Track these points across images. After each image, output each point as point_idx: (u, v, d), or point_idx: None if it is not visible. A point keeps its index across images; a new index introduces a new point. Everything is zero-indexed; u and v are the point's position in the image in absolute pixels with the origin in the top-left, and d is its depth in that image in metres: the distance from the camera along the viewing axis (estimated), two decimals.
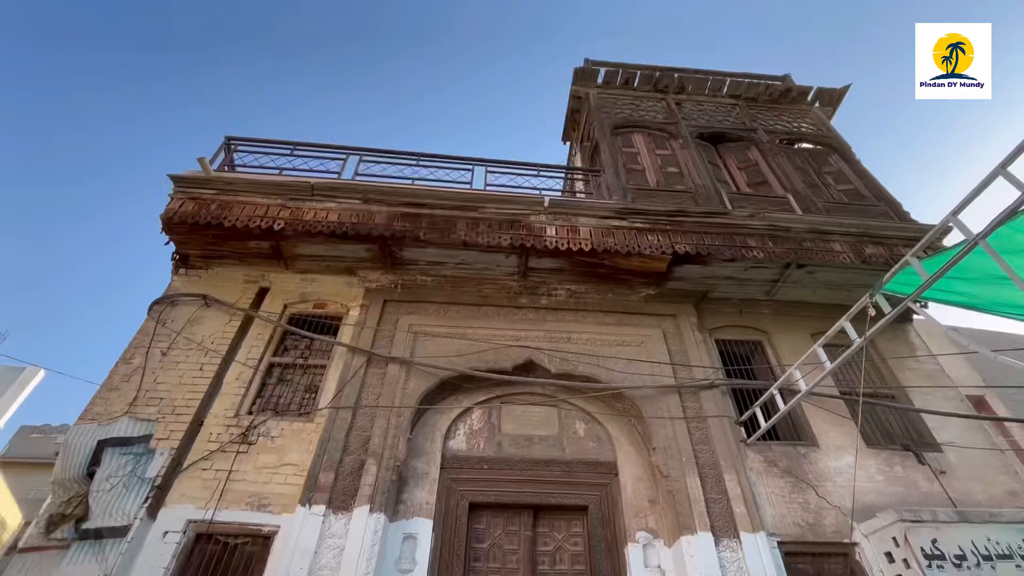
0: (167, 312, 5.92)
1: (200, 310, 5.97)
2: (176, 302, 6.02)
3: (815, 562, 4.75)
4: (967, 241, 3.14)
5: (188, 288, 6.21)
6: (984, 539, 4.33)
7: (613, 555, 4.82)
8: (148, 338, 5.66)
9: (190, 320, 5.87)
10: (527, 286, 6.41)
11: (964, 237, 3.23)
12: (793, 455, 5.39)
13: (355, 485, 4.63)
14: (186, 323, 5.83)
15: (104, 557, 4.18)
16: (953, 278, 3.43)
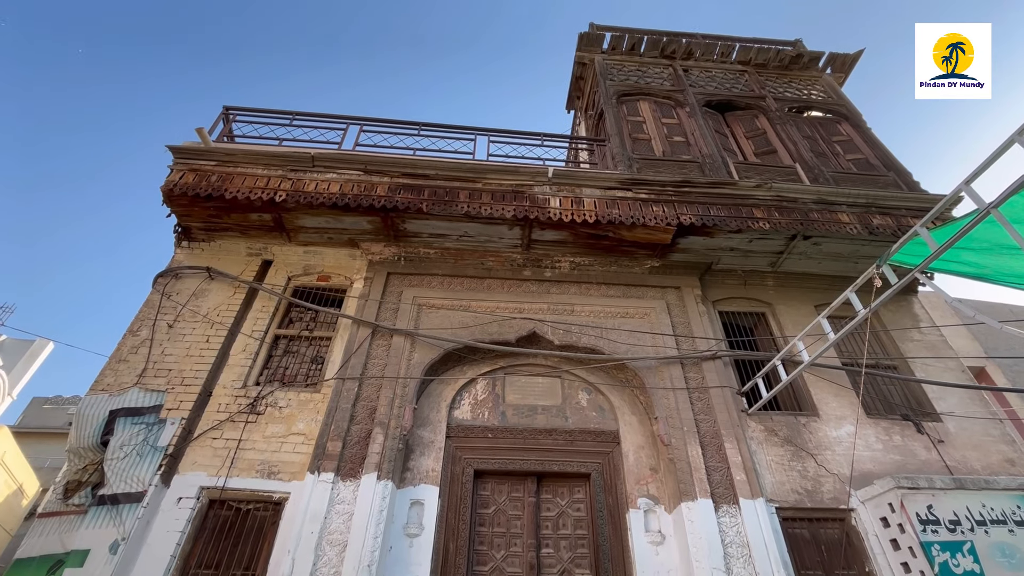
0: (172, 285, 5.94)
1: (204, 283, 5.99)
2: (180, 275, 6.03)
3: (812, 527, 4.87)
4: (979, 210, 3.09)
5: (191, 261, 6.22)
6: (979, 505, 4.42)
7: (615, 520, 4.94)
8: (154, 311, 5.70)
9: (195, 293, 5.89)
10: (531, 258, 6.39)
11: (975, 207, 3.18)
12: (793, 424, 5.46)
13: (362, 453, 4.73)
14: (191, 296, 5.86)
15: (121, 521, 4.31)
16: (961, 248, 3.39)
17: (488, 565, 4.74)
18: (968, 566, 4.08)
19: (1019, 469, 5.24)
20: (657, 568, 4.60)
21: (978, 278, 3.71)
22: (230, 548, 4.42)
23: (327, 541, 4.23)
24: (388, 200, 5.65)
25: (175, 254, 6.31)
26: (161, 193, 5.70)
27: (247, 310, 5.90)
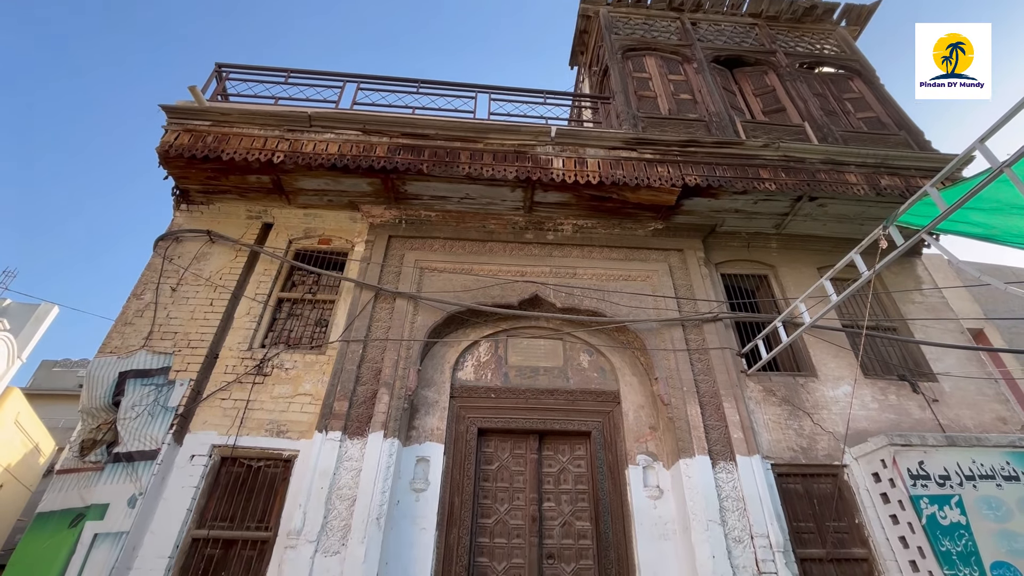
0: (173, 248, 5.92)
1: (205, 246, 5.96)
2: (181, 238, 6.00)
3: (805, 482, 5.03)
4: (991, 169, 3.03)
5: (191, 224, 6.17)
6: (969, 461, 4.55)
7: (614, 476, 5.10)
8: (156, 274, 5.70)
9: (196, 256, 5.88)
10: (533, 221, 6.33)
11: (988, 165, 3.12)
12: (792, 385, 5.55)
13: (369, 413, 4.84)
14: (192, 259, 5.85)
15: (137, 477, 4.46)
16: (970, 208, 3.35)
17: (492, 518, 4.93)
18: (955, 518, 4.24)
19: (1011, 427, 5.36)
20: (655, 520, 4.78)
21: (985, 239, 3.67)
22: (243, 502, 4.59)
23: (336, 495, 4.38)
24: (388, 161, 5.55)
25: (174, 217, 6.26)
26: (157, 155, 5.59)
27: (249, 273, 5.90)
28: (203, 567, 4.29)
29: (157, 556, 4.18)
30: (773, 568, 4.27)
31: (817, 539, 4.74)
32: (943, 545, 4.12)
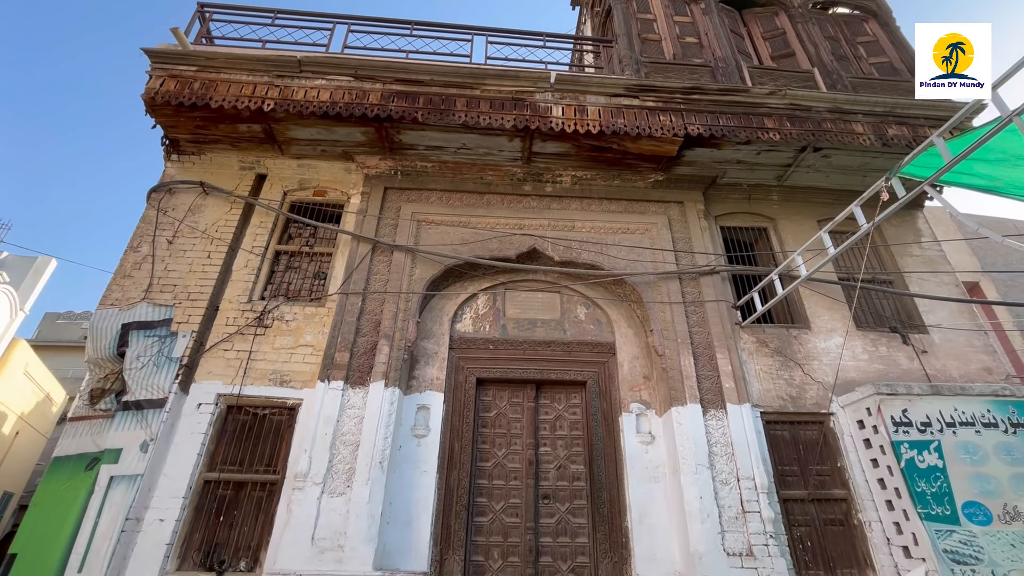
0: (166, 200, 5.85)
1: (199, 198, 5.88)
2: (174, 190, 5.91)
3: (792, 429, 5.22)
4: (1001, 118, 2.95)
5: (183, 175, 6.06)
6: (951, 409, 4.70)
7: (608, 422, 5.29)
8: (151, 227, 5.66)
9: (190, 208, 5.82)
10: (531, 172, 6.22)
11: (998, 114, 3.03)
12: (785, 336, 5.65)
13: (369, 363, 4.95)
14: (187, 212, 5.79)
15: (148, 424, 4.62)
16: (975, 160, 3.29)
17: (491, 461, 5.15)
18: (932, 461, 4.44)
19: (995, 377, 5.50)
20: (646, 464, 5.00)
21: (988, 191, 3.63)
22: (251, 447, 4.78)
23: (340, 441, 4.56)
24: (381, 109, 5.38)
25: (166, 168, 6.13)
26: (143, 102, 5.41)
27: (245, 226, 5.86)
28: (216, 506, 4.52)
29: (172, 496, 4.40)
30: (756, 507, 4.50)
31: (800, 481, 4.98)
32: (919, 486, 4.34)
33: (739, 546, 4.34)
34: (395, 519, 4.51)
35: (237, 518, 4.50)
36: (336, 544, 4.11)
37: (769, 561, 4.27)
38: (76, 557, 4.08)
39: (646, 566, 4.52)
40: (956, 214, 3.48)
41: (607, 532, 4.80)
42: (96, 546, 4.11)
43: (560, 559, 4.77)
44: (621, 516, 4.84)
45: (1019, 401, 4.71)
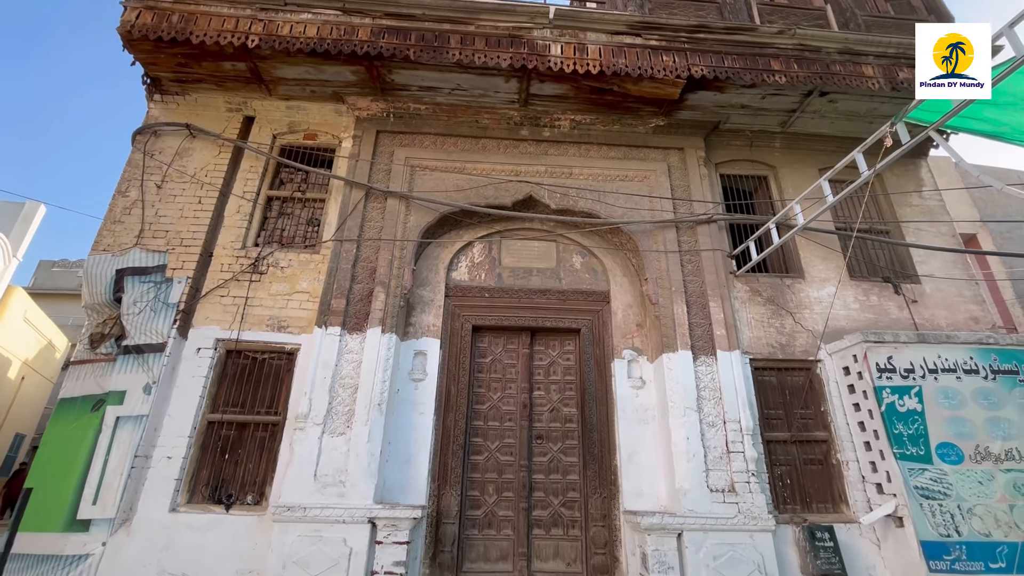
0: (152, 143, 5.68)
1: (186, 141, 5.71)
2: (159, 132, 5.73)
3: (780, 375, 5.36)
4: (1015, 59, 2.84)
5: (168, 117, 5.86)
6: (935, 356, 4.82)
7: (601, 368, 5.42)
8: (139, 171, 5.53)
9: (178, 152, 5.66)
10: (528, 116, 6.02)
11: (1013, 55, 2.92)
12: (778, 286, 5.69)
13: (366, 310, 4.99)
14: (174, 155, 5.64)
15: (149, 367, 4.71)
16: (984, 104, 3.19)
17: (486, 404, 5.32)
18: (912, 405, 4.60)
19: (982, 326, 5.61)
20: (636, 407, 5.16)
21: (994, 136, 3.54)
22: (252, 390, 4.90)
23: (340, 384, 4.67)
24: (371, 46, 5.13)
25: (149, 109, 5.91)
26: (119, 36, 5.13)
27: (235, 170, 5.73)
28: (221, 445, 4.69)
29: (177, 436, 4.55)
30: (741, 448, 4.70)
31: (784, 424, 5.17)
32: (896, 428, 4.52)
33: (722, 483, 4.56)
34: (394, 457, 4.70)
35: (242, 456, 4.69)
36: (338, 480, 4.31)
37: (750, 497, 4.51)
38: (90, 491, 4.28)
39: (633, 501, 4.78)
40: (959, 161, 3.42)
41: (597, 470, 5.03)
42: (108, 480, 4.30)
43: (552, 494, 5.02)
44: (611, 455, 5.06)
45: (1001, 349, 4.83)
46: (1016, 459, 4.41)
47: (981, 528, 4.18)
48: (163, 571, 4.09)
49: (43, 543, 4.17)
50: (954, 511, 4.23)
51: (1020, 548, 4.11)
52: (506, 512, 4.92)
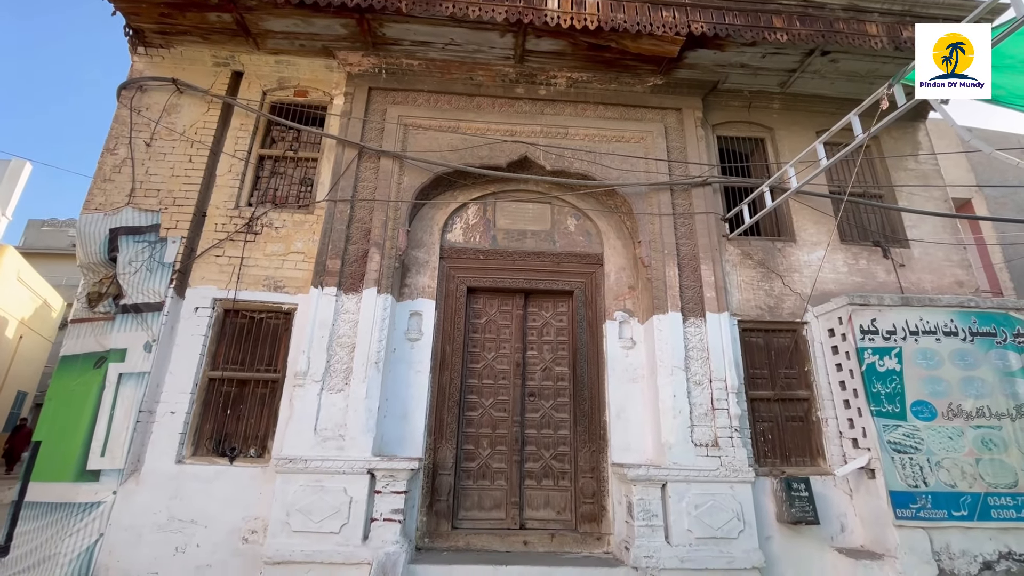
0: (139, 99, 5.54)
1: (174, 97, 5.58)
2: (145, 87, 5.58)
3: (766, 336, 5.51)
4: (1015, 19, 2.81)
5: (153, 71, 5.69)
6: (917, 319, 4.95)
7: (593, 329, 5.54)
8: (127, 128, 5.42)
9: (166, 108, 5.54)
10: (524, 73, 5.88)
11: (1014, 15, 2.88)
12: (769, 249, 5.75)
13: (361, 271, 5.03)
14: (162, 112, 5.52)
15: (148, 326, 4.78)
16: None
17: (480, 363, 5.46)
18: (891, 366, 4.77)
19: (966, 289, 5.73)
20: (626, 366, 5.32)
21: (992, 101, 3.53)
22: (250, 348, 5.01)
23: (337, 343, 4.77)
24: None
25: (133, 63, 5.74)
26: None
27: (225, 128, 5.63)
28: (222, 401, 4.83)
29: (179, 392, 4.68)
30: (725, 405, 4.89)
31: (768, 383, 5.36)
32: (875, 387, 4.70)
33: (706, 438, 4.77)
34: (391, 413, 4.87)
35: (243, 411, 4.84)
36: (337, 434, 4.48)
37: (732, 451, 4.73)
38: (97, 443, 4.43)
39: (621, 454, 5.00)
40: (953, 124, 3.43)
41: (587, 425, 5.24)
42: (115, 434, 4.45)
43: (543, 448, 5.24)
44: (600, 412, 5.25)
45: (982, 312, 4.96)
46: (986, 416, 4.62)
47: (947, 479, 4.43)
48: (173, 517, 4.30)
49: (56, 492, 4.36)
50: (923, 464, 4.47)
51: (982, 497, 4.37)
52: (499, 464, 5.14)
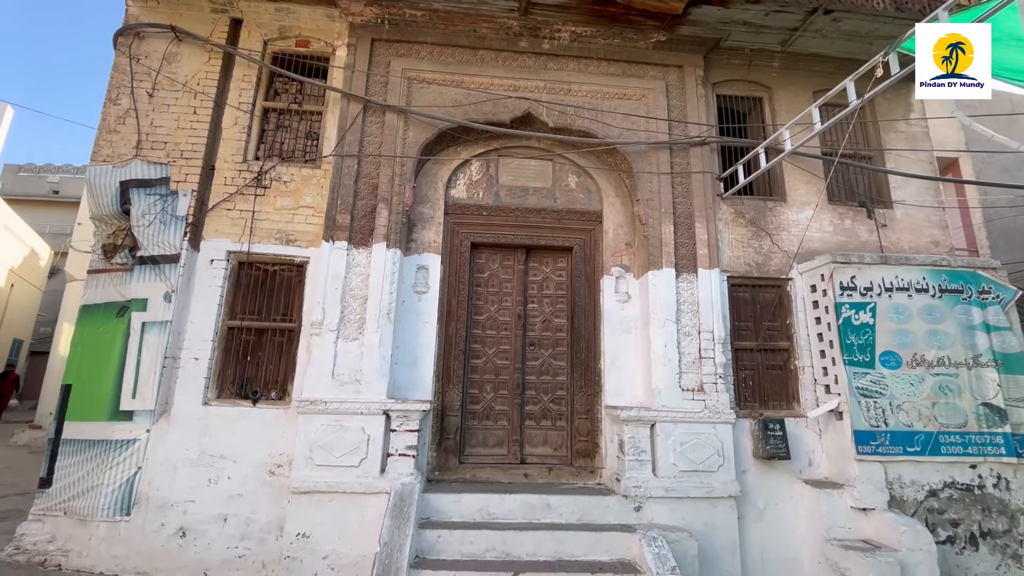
0: (137, 47, 5.46)
1: (173, 45, 5.50)
2: (143, 34, 5.48)
3: (753, 291, 5.86)
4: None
5: (148, 16, 5.57)
6: (893, 276, 5.32)
7: (591, 284, 5.84)
8: (127, 77, 5.38)
9: (165, 57, 5.47)
10: (528, 26, 5.85)
11: None
12: (761, 208, 6.01)
13: (370, 226, 5.21)
14: (162, 60, 5.45)
15: (166, 277, 4.97)
16: None
17: (484, 315, 5.77)
18: (865, 319, 5.17)
19: (941, 249, 6.09)
20: (621, 319, 5.67)
21: None
22: (266, 299, 5.25)
23: (350, 295, 5.03)
24: None
25: (128, 7, 5.59)
26: None
27: (228, 79, 5.59)
28: (242, 348, 5.12)
29: (201, 340, 4.95)
30: (712, 354, 5.29)
31: (753, 334, 5.76)
32: (849, 339, 5.12)
33: (693, 384, 5.20)
34: (402, 360, 5.20)
35: (262, 358, 5.14)
36: (354, 379, 4.81)
37: (716, 395, 5.17)
38: (128, 386, 4.73)
39: (614, 398, 5.44)
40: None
41: (583, 372, 5.64)
42: (143, 378, 4.75)
43: (542, 392, 5.66)
44: (595, 360, 5.64)
45: (952, 270, 5.34)
46: (945, 365, 5.09)
47: (906, 420, 4.94)
48: (204, 453, 4.68)
49: (92, 430, 4.69)
50: (886, 407, 4.96)
51: (934, 436, 4.90)
52: (502, 407, 5.57)
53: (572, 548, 4.34)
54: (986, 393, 5.00)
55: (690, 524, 4.71)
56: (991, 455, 4.87)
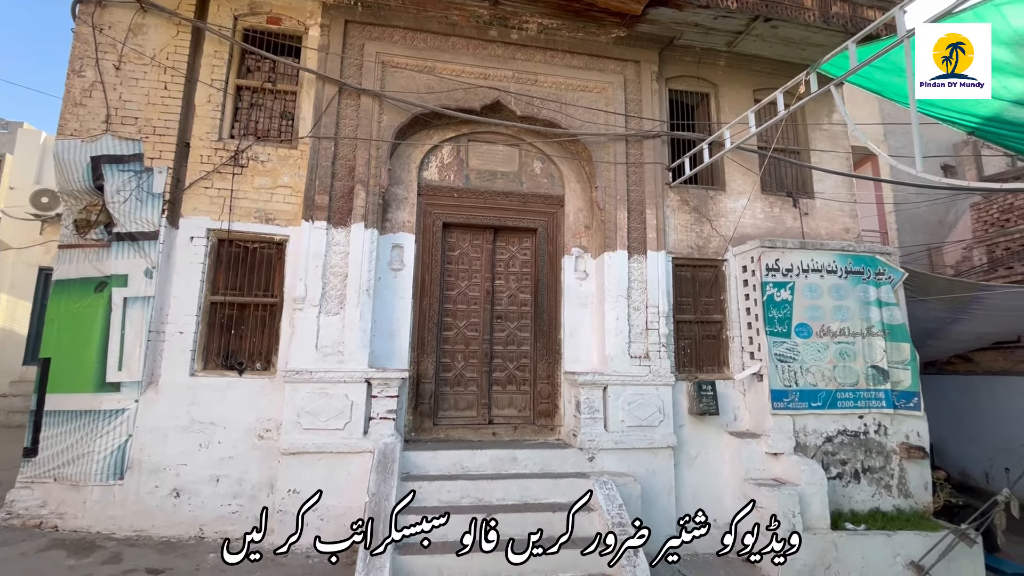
0: (100, 16, 5.35)
1: (139, 16, 5.42)
2: (105, 3, 5.36)
3: (693, 271, 6.63)
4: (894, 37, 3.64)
5: None
6: (810, 259, 6.20)
7: (552, 262, 6.42)
8: (91, 48, 5.29)
9: (131, 29, 5.40)
10: (498, 16, 6.14)
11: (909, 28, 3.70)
12: (703, 196, 6.73)
13: (349, 206, 5.50)
14: (128, 32, 5.38)
15: (146, 254, 5.10)
16: (872, 68, 4.03)
17: (455, 290, 6.25)
18: (785, 296, 6.04)
19: (850, 235, 7.06)
20: (579, 294, 6.31)
21: (878, 92, 4.47)
22: (247, 276, 5.48)
23: (330, 272, 5.35)
24: None
25: None
26: None
27: (198, 55, 5.59)
28: (226, 322, 5.37)
29: (185, 314, 5.16)
30: (656, 326, 6.04)
31: (692, 308, 6.56)
32: (771, 313, 5.99)
33: (640, 352, 5.95)
34: (380, 332, 5.62)
35: (246, 332, 5.41)
36: (337, 350, 5.20)
37: (659, 362, 5.95)
38: (113, 359, 4.92)
39: (572, 364, 6.12)
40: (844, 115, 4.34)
41: (545, 342, 6.27)
42: (128, 351, 4.94)
43: (508, 360, 6.26)
44: (556, 331, 6.28)
45: (856, 255, 6.28)
46: (846, 335, 6.07)
47: (812, 381, 5.92)
48: (194, 420, 4.98)
49: (78, 401, 4.87)
50: (797, 370, 5.91)
51: (833, 393, 5.91)
52: (472, 374, 6.13)
53: (536, 493, 5.03)
54: (875, 357, 6.03)
55: (635, 470, 5.52)
56: (875, 407, 5.95)
